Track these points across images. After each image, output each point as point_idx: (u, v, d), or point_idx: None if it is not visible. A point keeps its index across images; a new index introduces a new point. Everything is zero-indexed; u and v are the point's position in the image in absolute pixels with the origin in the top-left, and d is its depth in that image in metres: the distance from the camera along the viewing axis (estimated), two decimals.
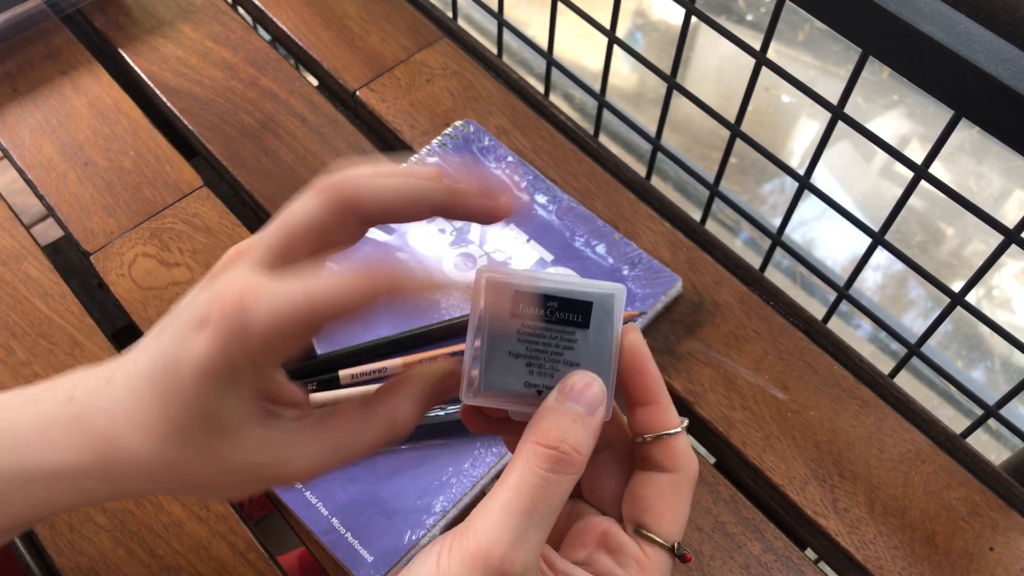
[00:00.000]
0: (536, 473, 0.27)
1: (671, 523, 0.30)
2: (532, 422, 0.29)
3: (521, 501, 0.27)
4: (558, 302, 0.30)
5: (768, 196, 1.59)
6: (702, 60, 1.75)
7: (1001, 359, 1.42)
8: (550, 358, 0.30)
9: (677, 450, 0.30)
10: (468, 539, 0.27)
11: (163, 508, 0.48)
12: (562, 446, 0.28)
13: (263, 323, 0.27)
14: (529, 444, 0.28)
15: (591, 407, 0.29)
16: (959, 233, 1.55)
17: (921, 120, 1.71)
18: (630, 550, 0.30)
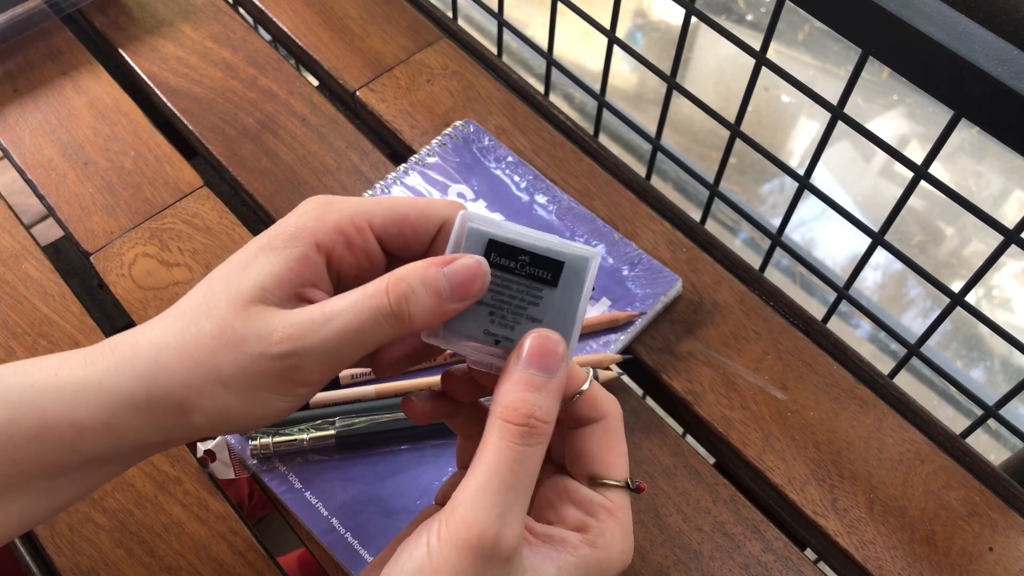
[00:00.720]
0: (511, 449, 0.28)
1: (617, 464, 0.32)
2: (497, 395, 0.29)
3: (502, 478, 0.28)
4: (530, 257, 0.30)
5: (768, 196, 1.59)
6: (702, 60, 1.75)
7: (1001, 359, 1.42)
8: (513, 310, 0.31)
9: (597, 400, 0.32)
10: (456, 524, 0.28)
11: (163, 508, 0.48)
12: (531, 420, 0.29)
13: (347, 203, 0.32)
14: (499, 422, 0.29)
15: (552, 370, 0.30)
16: (959, 233, 1.55)
17: (921, 120, 1.71)
18: (594, 499, 0.31)
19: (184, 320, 0.30)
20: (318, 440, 0.48)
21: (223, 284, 0.30)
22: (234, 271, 0.31)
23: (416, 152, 0.61)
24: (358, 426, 0.48)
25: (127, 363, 0.30)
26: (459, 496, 0.28)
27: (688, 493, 0.49)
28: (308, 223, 0.31)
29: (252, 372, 0.29)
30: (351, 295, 0.30)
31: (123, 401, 0.30)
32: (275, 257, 0.30)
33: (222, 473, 0.48)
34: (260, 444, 0.48)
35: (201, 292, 0.31)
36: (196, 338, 0.30)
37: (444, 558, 0.28)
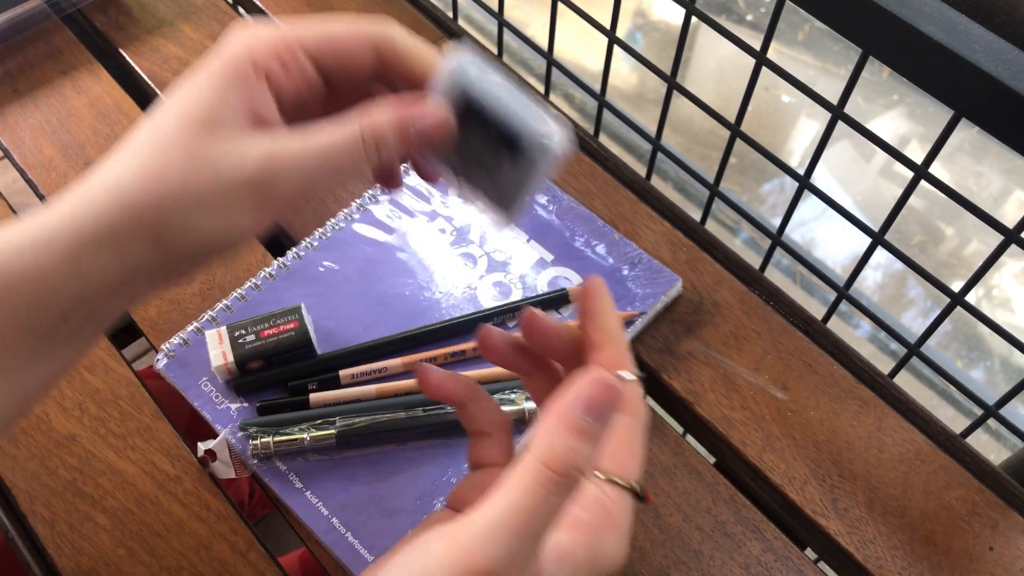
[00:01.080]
0: (542, 497, 0.26)
1: (629, 465, 0.31)
2: (542, 432, 0.27)
3: (525, 524, 0.26)
4: (494, 122, 0.30)
5: (768, 196, 1.59)
6: (702, 60, 1.75)
7: (1001, 359, 1.42)
8: (478, 165, 0.31)
9: (631, 395, 0.31)
10: (462, 551, 0.26)
11: (164, 508, 0.48)
12: (572, 472, 0.27)
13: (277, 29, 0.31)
14: (538, 465, 0.27)
15: (605, 420, 0.27)
16: (959, 233, 1.55)
17: (921, 120, 1.71)
18: (591, 493, 0.30)
19: (142, 155, 0.30)
20: (319, 440, 0.48)
21: (177, 117, 0.30)
22: (184, 104, 0.30)
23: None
24: (359, 425, 0.48)
25: (87, 203, 0.30)
26: (473, 524, 0.27)
27: (688, 493, 0.49)
28: (241, 49, 0.31)
29: (229, 193, 0.30)
30: (325, 128, 0.31)
31: (88, 240, 0.29)
32: (222, 84, 0.31)
33: (223, 472, 0.48)
34: (261, 444, 0.48)
35: (152, 129, 0.31)
36: (163, 167, 0.30)
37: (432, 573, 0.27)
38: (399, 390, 0.51)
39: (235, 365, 0.49)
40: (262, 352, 0.49)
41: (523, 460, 0.27)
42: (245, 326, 0.50)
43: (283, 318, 0.50)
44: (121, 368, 0.52)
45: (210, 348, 0.49)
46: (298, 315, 0.50)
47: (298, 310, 0.50)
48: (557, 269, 0.56)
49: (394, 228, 0.57)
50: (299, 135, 0.31)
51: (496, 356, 0.35)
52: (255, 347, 0.49)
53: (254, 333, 0.49)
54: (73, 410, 0.51)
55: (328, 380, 0.51)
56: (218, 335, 0.49)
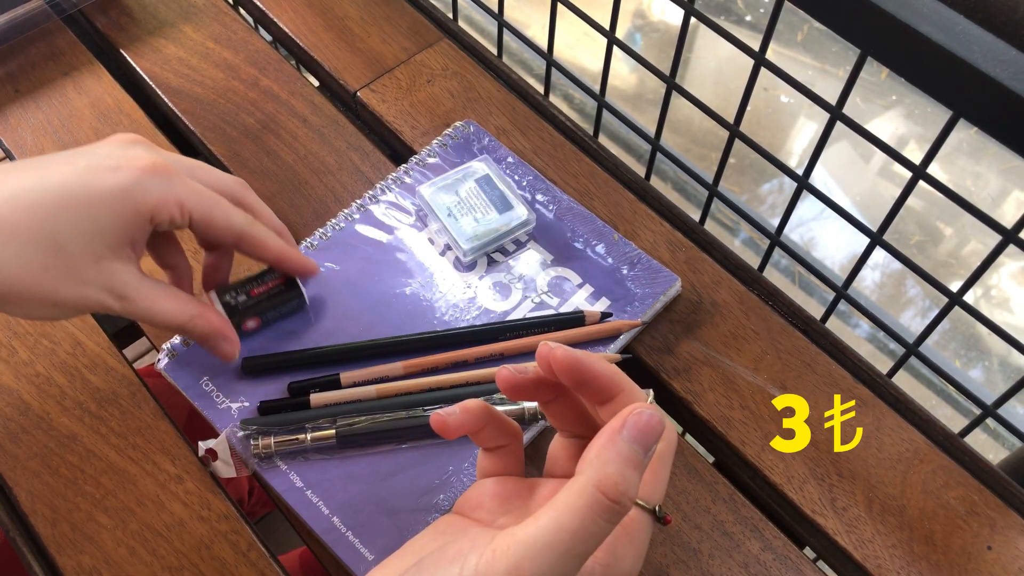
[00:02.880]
0: (592, 520, 0.27)
1: (652, 488, 0.32)
2: (596, 460, 0.29)
3: (573, 544, 0.27)
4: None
5: (767, 196, 1.59)
6: (701, 61, 1.75)
7: (999, 359, 1.42)
8: None
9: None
10: (508, 567, 0.27)
11: (165, 507, 0.48)
12: (623, 499, 0.28)
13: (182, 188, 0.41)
14: (591, 489, 0.28)
15: (650, 448, 0.29)
16: (957, 233, 1.55)
17: (919, 120, 1.71)
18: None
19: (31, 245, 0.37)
20: (319, 439, 0.48)
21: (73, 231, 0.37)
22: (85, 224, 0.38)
23: (417, 152, 0.61)
24: (359, 425, 0.48)
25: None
26: (518, 538, 0.28)
27: (687, 492, 0.50)
28: (148, 197, 0.39)
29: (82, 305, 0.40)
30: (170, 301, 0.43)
31: None
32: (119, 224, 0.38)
33: (223, 472, 0.48)
34: (262, 443, 0.48)
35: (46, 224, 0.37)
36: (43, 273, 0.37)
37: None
38: (399, 390, 0.51)
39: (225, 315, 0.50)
40: (255, 308, 0.50)
41: (576, 483, 0.28)
42: (234, 288, 0.50)
43: (270, 275, 0.51)
44: (122, 368, 0.53)
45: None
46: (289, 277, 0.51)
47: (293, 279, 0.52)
48: (557, 269, 0.56)
49: (394, 228, 0.57)
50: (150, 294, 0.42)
51: (518, 395, 0.35)
52: (247, 304, 0.50)
53: (245, 293, 0.50)
54: (74, 409, 0.51)
55: (329, 382, 0.51)
56: (207, 300, 0.50)
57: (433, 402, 0.50)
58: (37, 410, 0.50)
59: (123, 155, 0.39)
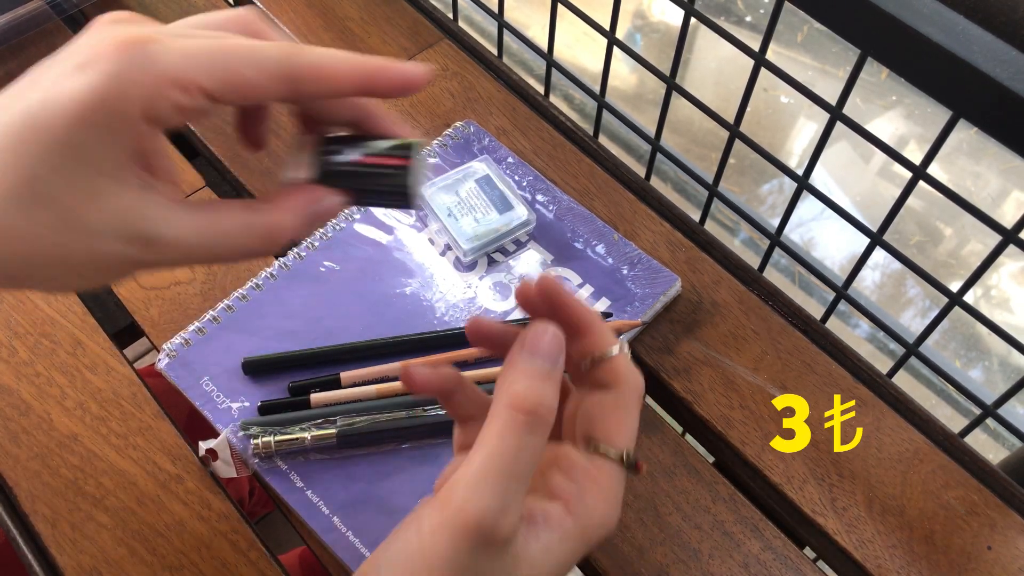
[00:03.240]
0: (517, 437, 0.28)
1: (618, 436, 0.31)
2: (503, 383, 0.29)
3: (505, 466, 0.28)
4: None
5: (767, 196, 1.59)
6: (701, 61, 1.75)
7: (999, 359, 1.42)
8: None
9: (617, 369, 0.32)
10: (454, 509, 0.27)
11: (165, 507, 0.48)
12: (539, 409, 0.28)
13: (169, 60, 0.26)
14: (507, 410, 0.28)
15: (554, 360, 0.30)
16: (957, 233, 1.55)
17: (919, 121, 1.71)
18: (580, 464, 0.31)
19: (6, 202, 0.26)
20: (320, 439, 0.48)
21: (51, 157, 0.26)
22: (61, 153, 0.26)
23: None
24: (359, 425, 0.48)
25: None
26: (458, 481, 0.28)
27: (687, 492, 0.50)
28: (128, 91, 0.26)
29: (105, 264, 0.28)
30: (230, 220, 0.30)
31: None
32: (102, 128, 0.26)
33: (224, 472, 0.48)
34: (262, 443, 0.48)
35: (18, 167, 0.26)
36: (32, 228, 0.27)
37: (436, 543, 0.28)
38: (400, 390, 0.51)
39: (316, 179, 0.33)
40: (353, 178, 0.33)
41: (492, 412, 0.29)
42: (339, 143, 0.33)
43: (396, 150, 0.33)
44: (122, 368, 0.53)
45: (293, 153, 0.33)
46: (414, 153, 0.33)
47: (415, 144, 0.33)
48: (557, 269, 0.56)
49: (394, 228, 0.57)
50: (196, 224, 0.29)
51: (482, 342, 0.35)
52: (347, 169, 0.33)
53: (356, 151, 0.33)
54: (74, 409, 0.51)
55: (329, 382, 0.51)
56: (309, 144, 0.33)
57: (433, 402, 0.50)
58: (38, 410, 0.50)
59: (91, 45, 0.27)
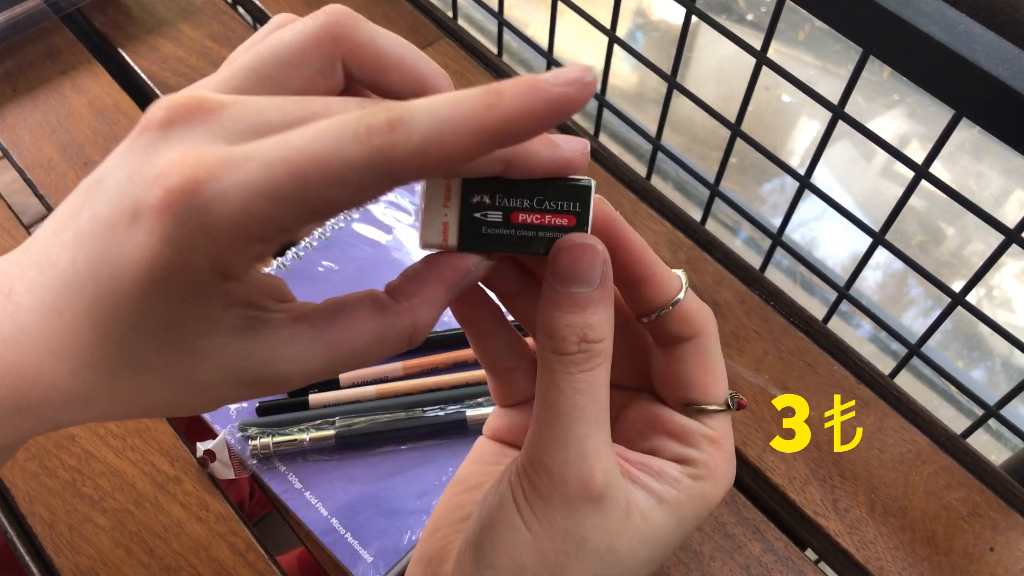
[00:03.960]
0: (569, 379, 0.25)
1: (715, 386, 0.28)
2: (540, 323, 0.25)
3: (567, 414, 0.24)
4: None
5: (768, 196, 1.59)
6: (702, 60, 1.75)
7: (1001, 359, 1.42)
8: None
9: (689, 314, 0.27)
10: (534, 474, 0.25)
11: (163, 508, 0.48)
12: (583, 345, 0.25)
13: (231, 208, 0.19)
14: (549, 355, 0.25)
15: (592, 280, 0.25)
16: (959, 233, 1.54)
17: (922, 120, 1.71)
18: (694, 429, 0.28)
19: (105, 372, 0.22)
20: (318, 440, 0.48)
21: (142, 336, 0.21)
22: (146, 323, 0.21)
23: None
24: (358, 426, 0.48)
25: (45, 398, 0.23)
26: (531, 445, 0.25)
27: None
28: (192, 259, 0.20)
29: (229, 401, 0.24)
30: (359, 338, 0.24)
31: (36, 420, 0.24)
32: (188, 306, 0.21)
33: (222, 473, 0.48)
34: (260, 444, 0.48)
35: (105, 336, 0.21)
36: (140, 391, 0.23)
37: (535, 515, 0.25)
38: (399, 391, 0.50)
39: (455, 247, 0.26)
40: (510, 244, 0.26)
41: (538, 357, 0.26)
42: (492, 189, 0.25)
43: (558, 202, 0.26)
44: None
45: (425, 207, 0.25)
46: (581, 205, 0.26)
47: (584, 196, 0.26)
48: None
49: (393, 228, 0.57)
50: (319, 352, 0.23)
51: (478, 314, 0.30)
52: (499, 237, 0.26)
53: (502, 210, 0.25)
54: None
55: (328, 382, 0.51)
56: (445, 191, 0.25)
57: (433, 403, 0.50)
58: None
59: (144, 176, 0.20)
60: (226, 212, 0.19)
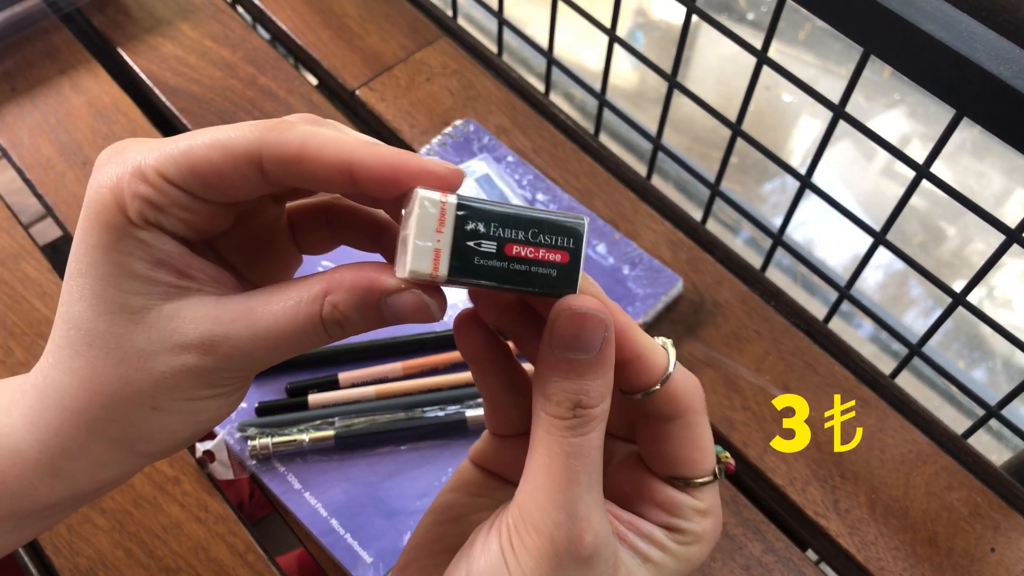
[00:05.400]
0: (563, 444, 0.25)
1: (703, 461, 0.28)
2: (536, 383, 0.26)
3: (560, 476, 0.25)
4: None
5: (769, 195, 1.59)
6: (703, 59, 1.75)
7: (1003, 359, 1.41)
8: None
9: (676, 394, 0.27)
10: (527, 531, 0.25)
11: (162, 509, 0.48)
12: (577, 411, 0.25)
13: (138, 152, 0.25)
14: (543, 417, 0.25)
15: (592, 347, 0.25)
16: (960, 233, 1.54)
17: (923, 119, 1.71)
18: (683, 503, 0.28)
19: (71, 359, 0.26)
20: (317, 441, 0.48)
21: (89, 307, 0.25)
22: (88, 287, 0.25)
23: (416, 151, 0.61)
24: (357, 427, 0.48)
25: (42, 421, 0.27)
26: (522, 502, 0.26)
27: None
28: (105, 197, 0.25)
29: (174, 390, 0.26)
30: (273, 302, 0.25)
31: (58, 454, 0.27)
32: (109, 252, 0.25)
33: (221, 474, 0.48)
34: (259, 445, 0.48)
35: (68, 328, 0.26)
36: (95, 372, 0.25)
37: (523, 570, 0.25)
38: (398, 391, 0.50)
39: (445, 278, 0.25)
40: (497, 278, 0.25)
41: (533, 417, 0.26)
42: (487, 218, 0.25)
43: (552, 236, 0.25)
44: None
45: (413, 230, 0.24)
46: (575, 242, 0.25)
47: (579, 233, 0.25)
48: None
49: None
50: (242, 314, 0.25)
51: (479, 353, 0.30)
52: (490, 268, 0.25)
53: (496, 240, 0.25)
54: None
55: (327, 383, 0.51)
56: (440, 214, 0.24)
57: (433, 403, 0.49)
58: None
59: None
60: (132, 157, 0.25)
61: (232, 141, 0.24)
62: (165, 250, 0.25)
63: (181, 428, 0.27)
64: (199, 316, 0.25)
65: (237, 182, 0.25)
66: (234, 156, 0.24)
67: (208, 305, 0.25)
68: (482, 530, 0.27)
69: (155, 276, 0.25)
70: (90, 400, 0.26)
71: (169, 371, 0.25)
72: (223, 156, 0.24)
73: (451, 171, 0.25)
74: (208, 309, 0.25)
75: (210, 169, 0.24)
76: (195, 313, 0.25)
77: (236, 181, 0.25)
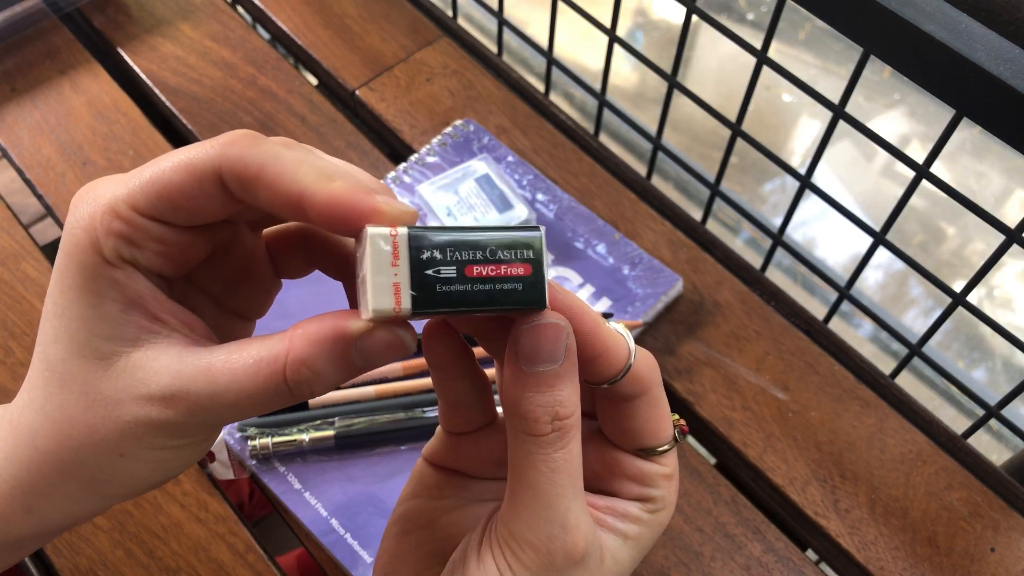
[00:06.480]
0: (546, 460, 0.26)
1: (664, 429, 0.29)
2: (508, 401, 0.26)
3: (546, 491, 0.26)
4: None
5: (769, 196, 1.59)
6: (703, 59, 1.75)
7: (1002, 359, 1.41)
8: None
9: (639, 375, 0.28)
10: (522, 550, 0.26)
11: (162, 509, 0.48)
12: (555, 424, 0.26)
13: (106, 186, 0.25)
14: (523, 437, 0.26)
15: (556, 357, 0.25)
16: (960, 233, 1.54)
17: (922, 119, 1.71)
18: (652, 471, 0.29)
19: (44, 400, 0.26)
20: (317, 441, 0.48)
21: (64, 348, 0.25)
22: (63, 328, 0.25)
23: (416, 151, 0.61)
24: (357, 426, 0.48)
25: (15, 458, 0.27)
26: (512, 521, 0.26)
27: (689, 494, 0.49)
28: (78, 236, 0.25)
29: (139, 438, 0.25)
30: (235, 359, 0.25)
31: (30, 491, 0.27)
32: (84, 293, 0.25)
33: (221, 474, 0.48)
34: (259, 445, 0.48)
35: (43, 367, 0.26)
36: (65, 415, 0.26)
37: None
38: (398, 391, 0.50)
39: (410, 311, 0.24)
40: (463, 303, 0.24)
41: (508, 434, 0.27)
42: (442, 244, 0.24)
43: (511, 251, 0.25)
44: None
45: (368, 269, 0.23)
46: (535, 252, 0.25)
47: (536, 244, 0.25)
48: (557, 269, 0.55)
49: None
50: (202, 370, 0.25)
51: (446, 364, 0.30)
52: (455, 294, 0.24)
53: (455, 264, 0.24)
54: None
55: None
56: (393, 248, 0.23)
57: (433, 403, 0.49)
58: None
59: None
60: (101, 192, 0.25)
61: (193, 160, 0.24)
62: (138, 291, 0.25)
63: (148, 475, 0.27)
64: (162, 368, 0.25)
65: (203, 201, 0.25)
66: (198, 174, 0.24)
67: (173, 357, 0.25)
68: (472, 546, 0.28)
69: (127, 318, 0.25)
70: (60, 444, 0.26)
71: (134, 420, 0.25)
72: (186, 176, 0.24)
73: (403, 212, 0.24)
74: (172, 361, 0.25)
75: (176, 191, 0.24)
76: (159, 364, 0.25)
77: (202, 200, 0.24)
